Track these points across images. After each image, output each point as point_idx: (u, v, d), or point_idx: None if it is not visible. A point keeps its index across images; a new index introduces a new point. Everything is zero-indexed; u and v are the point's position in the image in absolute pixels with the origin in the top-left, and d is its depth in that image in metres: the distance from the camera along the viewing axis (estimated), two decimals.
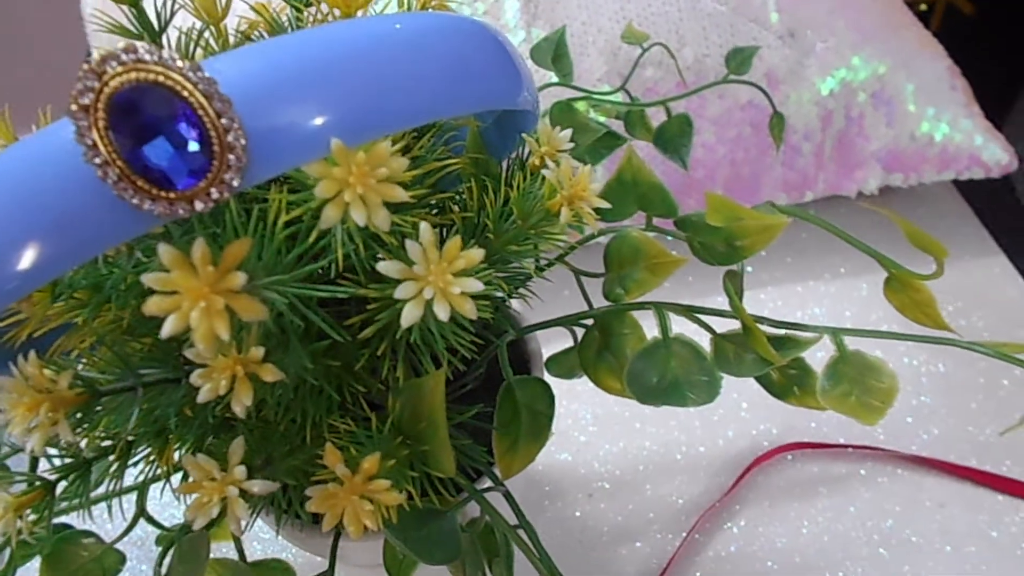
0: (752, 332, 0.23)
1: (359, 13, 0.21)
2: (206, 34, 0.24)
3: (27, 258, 0.16)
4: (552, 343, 0.32)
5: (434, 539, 0.23)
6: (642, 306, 0.26)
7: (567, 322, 0.28)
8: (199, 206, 0.15)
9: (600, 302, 0.28)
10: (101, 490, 0.26)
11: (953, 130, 0.50)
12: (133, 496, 0.27)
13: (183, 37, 0.23)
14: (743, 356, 0.24)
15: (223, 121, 0.15)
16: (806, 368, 0.25)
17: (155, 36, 0.23)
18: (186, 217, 0.15)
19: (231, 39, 0.25)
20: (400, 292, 0.18)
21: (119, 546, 0.28)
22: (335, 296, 0.19)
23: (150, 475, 0.25)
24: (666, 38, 0.48)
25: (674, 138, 0.36)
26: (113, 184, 0.15)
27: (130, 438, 0.21)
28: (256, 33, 0.26)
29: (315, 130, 0.16)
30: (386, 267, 0.18)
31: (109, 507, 0.27)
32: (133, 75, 0.14)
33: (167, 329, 0.15)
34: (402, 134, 0.23)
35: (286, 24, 0.25)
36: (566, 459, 0.44)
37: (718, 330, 0.25)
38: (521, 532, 0.25)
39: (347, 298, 0.21)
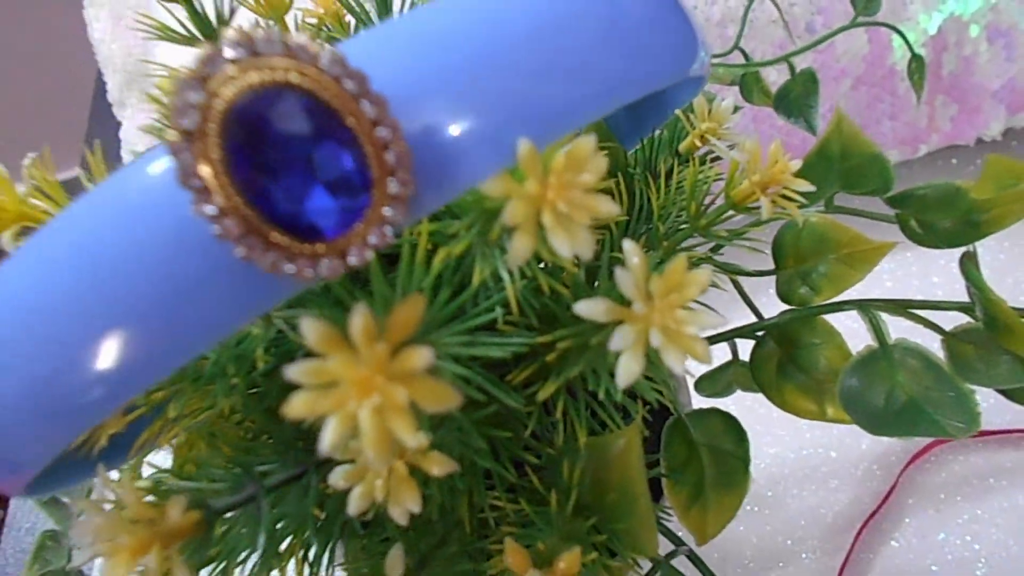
0: (1011, 328, 0.18)
1: None
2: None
3: (113, 356, 0.11)
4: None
5: None
6: (839, 308, 0.21)
7: (733, 335, 0.23)
8: (353, 259, 0.10)
9: (767, 311, 0.23)
10: None
11: None
12: None
13: None
14: (994, 360, 0.19)
15: (380, 132, 0.10)
16: None
17: (213, 37, 0.18)
18: (333, 278, 0.11)
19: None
20: (617, 341, 0.13)
21: None
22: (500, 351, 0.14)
23: None
24: None
25: (799, 99, 0.31)
26: (236, 241, 0.10)
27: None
28: (325, 29, 0.21)
29: (494, 133, 0.12)
30: (590, 308, 0.13)
31: None
32: (255, 77, 0.09)
33: (328, 440, 0.10)
34: None
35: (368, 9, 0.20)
36: None
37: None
38: None
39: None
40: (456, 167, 0.11)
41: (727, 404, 0.32)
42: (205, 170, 0.09)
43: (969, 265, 0.18)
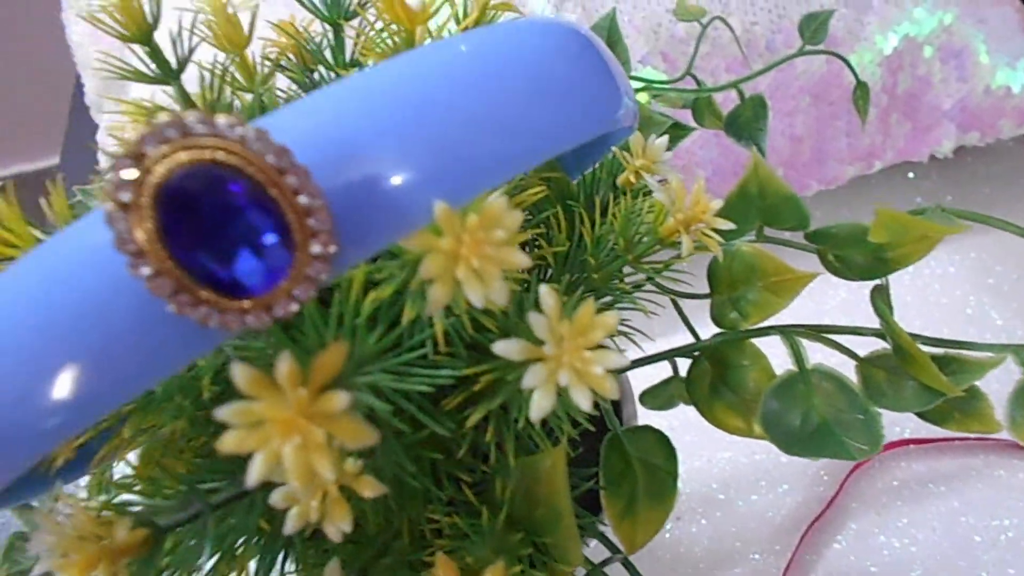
0: (915, 358, 0.20)
1: (418, 30, 0.17)
2: (231, 68, 0.20)
3: (67, 389, 0.12)
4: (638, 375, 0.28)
5: None
6: (765, 332, 0.22)
7: (672, 354, 0.24)
8: (279, 312, 0.12)
9: (704, 331, 0.24)
10: None
11: None
12: None
13: (205, 75, 0.19)
14: (901, 385, 0.20)
15: (302, 200, 0.11)
16: (977, 393, 0.21)
17: (173, 77, 0.19)
18: (262, 328, 0.12)
19: (259, 69, 0.21)
20: (529, 380, 0.14)
21: None
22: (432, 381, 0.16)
23: None
24: (708, 8, 0.44)
25: (748, 123, 0.32)
26: (168, 298, 0.11)
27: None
28: (286, 58, 0.22)
29: (412, 193, 0.13)
30: (506, 348, 0.14)
31: None
32: (184, 156, 0.10)
33: (254, 474, 0.12)
34: None
35: (324, 45, 0.21)
36: None
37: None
38: None
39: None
40: (378, 224, 0.13)
41: (686, 411, 0.34)
42: (140, 236, 0.11)
43: (877, 298, 0.20)
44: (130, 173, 0.10)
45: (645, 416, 0.43)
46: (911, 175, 0.51)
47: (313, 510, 0.15)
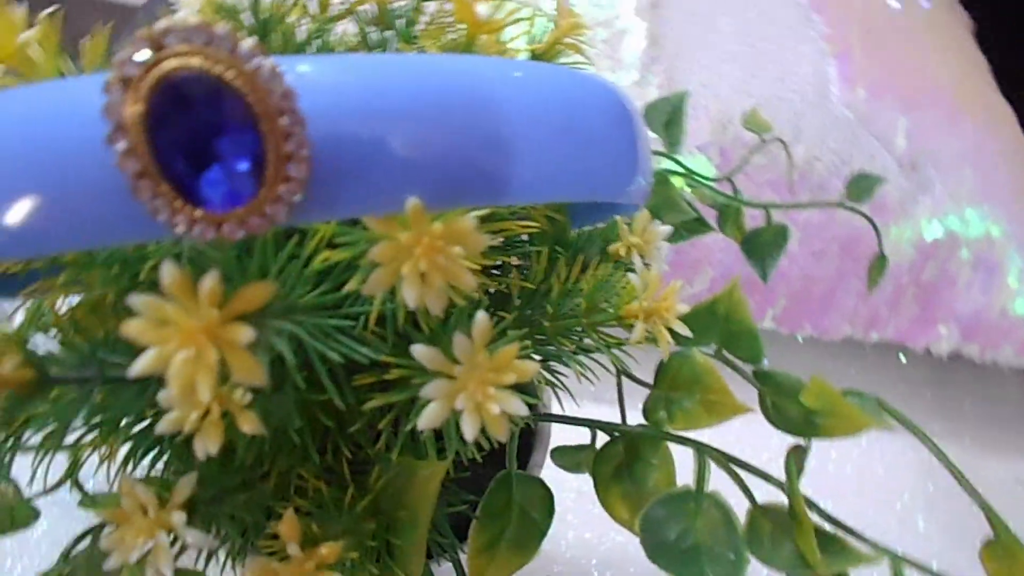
0: (801, 524, 0.20)
1: (482, 38, 0.18)
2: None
3: (18, 216, 0.13)
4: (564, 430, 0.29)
5: None
6: (683, 442, 0.23)
7: (594, 425, 0.25)
8: (225, 232, 0.12)
9: (635, 414, 0.25)
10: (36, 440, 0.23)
11: None
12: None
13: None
14: (780, 543, 0.21)
15: (288, 146, 0.12)
16: None
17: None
18: (203, 241, 0.12)
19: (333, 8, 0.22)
20: (429, 390, 0.14)
21: (41, 503, 0.25)
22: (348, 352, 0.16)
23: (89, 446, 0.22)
24: (782, 128, 0.45)
25: (765, 247, 0.33)
26: (131, 178, 0.11)
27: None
28: (364, 9, 0.23)
29: (396, 179, 0.13)
30: (422, 354, 0.15)
31: (41, 458, 0.24)
32: (196, 61, 0.11)
33: (139, 366, 0.12)
34: None
35: (403, 12, 0.22)
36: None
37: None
38: None
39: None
40: (353, 194, 0.13)
41: None
42: (128, 113, 0.11)
43: (791, 457, 0.20)
44: (143, 55, 0.11)
45: (556, 472, 0.43)
46: (902, 358, 0.51)
47: (190, 421, 0.15)
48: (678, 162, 0.31)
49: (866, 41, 0.49)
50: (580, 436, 0.30)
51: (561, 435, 0.30)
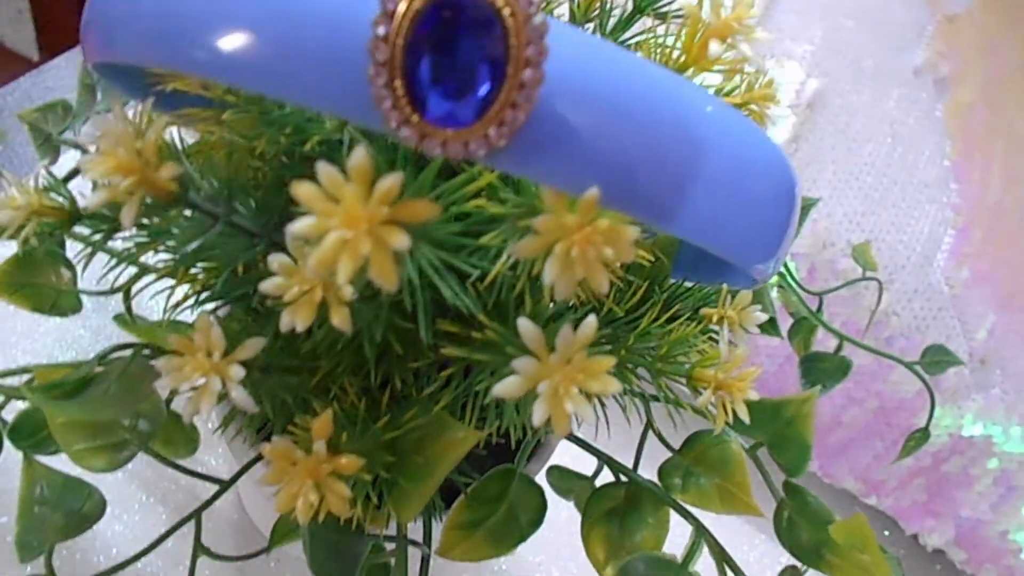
0: None
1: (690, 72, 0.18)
2: None
3: (230, 46, 0.13)
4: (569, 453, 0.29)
5: (339, 556, 0.21)
6: (687, 515, 0.23)
7: (608, 461, 0.25)
8: (424, 147, 0.13)
9: (651, 466, 0.25)
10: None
11: None
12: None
13: None
14: None
15: (529, 51, 0.12)
16: None
17: None
18: (422, 152, 0.13)
19: None
20: (520, 364, 0.15)
21: (87, 300, 0.26)
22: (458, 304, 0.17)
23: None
24: (886, 278, 0.44)
25: (824, 373, 0.33)
26: (372, 62, 0.12)
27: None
28: None
29: (587, 162, 0.14)
30: (528, 329, 0.15)
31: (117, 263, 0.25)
32: None
33: (298, 227, 0.13)
34: None
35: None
36: None
37: None
38: None
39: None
40: (550, 159, 0.13)
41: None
42: (402, 6, 0.12)
43: None
44: None
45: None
46: (886, 532, 0.51)
47: (292, 293, 0.16)
48: (784, 263, 0.31)
49: (992, 227, 0.49)
50: (575, 462, 0.30)
51: (559, 455, 0.31)
